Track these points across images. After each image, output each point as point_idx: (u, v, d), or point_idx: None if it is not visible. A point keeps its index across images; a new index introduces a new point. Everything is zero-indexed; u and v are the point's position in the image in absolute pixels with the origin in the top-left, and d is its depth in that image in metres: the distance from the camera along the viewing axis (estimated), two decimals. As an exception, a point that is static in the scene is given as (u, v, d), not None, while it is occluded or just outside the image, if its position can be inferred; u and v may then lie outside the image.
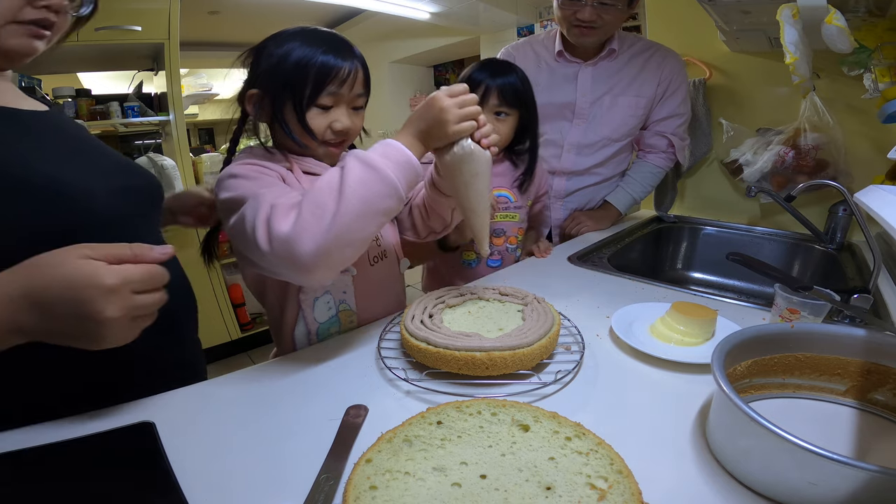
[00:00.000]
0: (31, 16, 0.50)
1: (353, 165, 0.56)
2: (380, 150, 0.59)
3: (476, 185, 0.66)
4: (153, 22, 1.96)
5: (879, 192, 0.60)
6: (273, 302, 0.75)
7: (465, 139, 0.63)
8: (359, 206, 0.54)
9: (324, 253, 0.53)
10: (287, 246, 0.53)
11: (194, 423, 0.54)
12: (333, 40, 0.67)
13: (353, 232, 0.55)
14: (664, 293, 0.89)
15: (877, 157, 1.17)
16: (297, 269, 0.55)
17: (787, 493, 0.40)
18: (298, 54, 0.64)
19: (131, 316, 0.43)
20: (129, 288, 0.42)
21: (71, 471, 0.45)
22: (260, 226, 0.55)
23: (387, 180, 0.56)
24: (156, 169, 2.11)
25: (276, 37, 0.67)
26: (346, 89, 0.67)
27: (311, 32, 0.67)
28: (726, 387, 0.43)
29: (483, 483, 0.40)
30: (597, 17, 1.12)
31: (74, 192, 0.53)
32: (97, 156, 0.62)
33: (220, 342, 2.34)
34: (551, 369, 0.62)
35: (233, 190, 0.62)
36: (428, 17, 2.80)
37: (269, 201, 0.57)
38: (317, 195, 0.55)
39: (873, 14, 0.95)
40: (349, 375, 0.63)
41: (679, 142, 1.31)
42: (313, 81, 0.64)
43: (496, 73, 0.97)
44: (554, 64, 1.29)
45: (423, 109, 0.62)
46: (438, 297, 0.72)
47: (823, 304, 0.65)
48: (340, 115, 0.68)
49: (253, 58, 0.69)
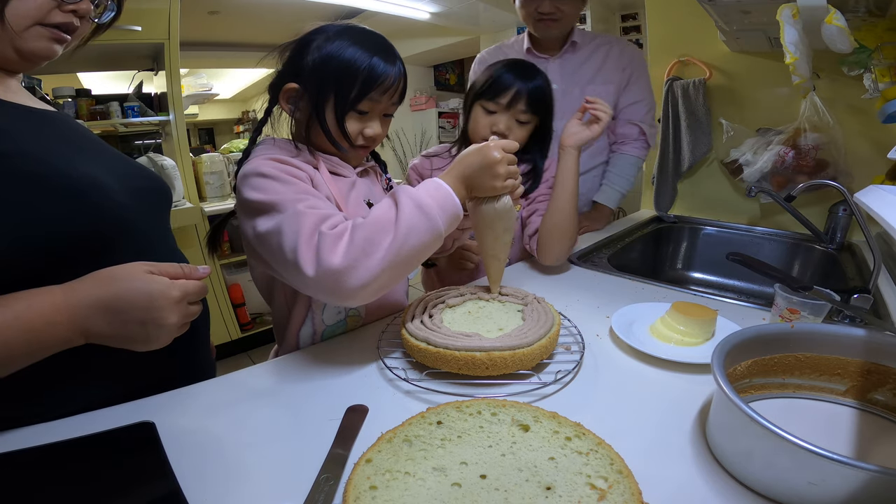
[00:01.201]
0: (58, 19, 0.50)
1: (409, 208, 0.56)
2: (433, 194, 0.59)
3: (505, 238, 0.70)
4: (153, 22, 1.96)
5: (879, 192, 0.60)
6: (281, 301, 0.74)
7: (506, 195, 0.66)
8: (408, 251, 0.56)
9: (369, 287, 0.55)
10: (335, 278, 0.54)
11: (194, 423, 0.54)
12: (383, 44, 0.67)
13: (398, 270, 0.57)
14: (664, 293, 0.89)
15: (877, 157, 1.17)
16: (339, 298, 0.57)
17: (787, 494, 0.40)
18: (350, 54, 0.63)
19: (180, 324, 0.51)
20: (186, 299, 0.51)
21: (71, 471, 0.45)
22: (305, 252, 0.55)
23: (436, 231, 0.57)
24: (156, 169, 2.11)
25: (322, 31, 0.66)
26: (387, 98, 0.68)
27: (360, 32, 0.66)
28: (726, 387, 0.43)
29: (483, 483, 0.40)
30: (556, 9, 1.20)
31: (94, 190, 0.52)
32: (109, 156, 0.62)
33: (220, 342, 2.35)
34: (551, 369, 0.62)
35: (262, 191, 0.60)
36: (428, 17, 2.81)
37: (312, 226, 0.56)
38: (369, 231, 0.55)
39: (873, 14, 0.95)
40: (349, 375, 0.63)
41: (649, 129, 1.35)
42: (360, 86, 0.64)
43: (526, 76, 0.93)
44: None
45: (475, 157, 0.63)
46: (438, 297, 0.72)
47: (823, 304, 0.65)
48: (374, 123, 0.69)
49: (295, 50, 0.67)
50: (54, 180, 0.49)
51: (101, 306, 0.47)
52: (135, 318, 0.48)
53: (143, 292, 0.48)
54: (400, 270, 0.57)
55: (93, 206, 0.51)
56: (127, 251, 0.55)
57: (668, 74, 1.48)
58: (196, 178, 2.35)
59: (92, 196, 0.52)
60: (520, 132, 0.96)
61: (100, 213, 0.52)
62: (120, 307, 0.47)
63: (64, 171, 0.50)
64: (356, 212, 0.70)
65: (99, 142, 0.63)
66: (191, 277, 0.53)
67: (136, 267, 0.49)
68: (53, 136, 0.55)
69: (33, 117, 0.54)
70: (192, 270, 0.53)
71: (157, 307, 0.48)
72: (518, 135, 0.95)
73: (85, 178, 0.52)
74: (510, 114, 0.94)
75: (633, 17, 2.88)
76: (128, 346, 0.50)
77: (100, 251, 0.52)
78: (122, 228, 0.55)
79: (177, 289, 0.50)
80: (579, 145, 0.93)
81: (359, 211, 0.71)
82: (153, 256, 0.57)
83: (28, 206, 0.47)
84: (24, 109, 0.54)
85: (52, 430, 0.51)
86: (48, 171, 0.49)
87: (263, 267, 0.67)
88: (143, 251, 0.56)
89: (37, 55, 0.52)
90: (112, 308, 0.47)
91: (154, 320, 0.48)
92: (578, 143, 0.92)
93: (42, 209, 0.48)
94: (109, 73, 2.44)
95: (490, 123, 0.94)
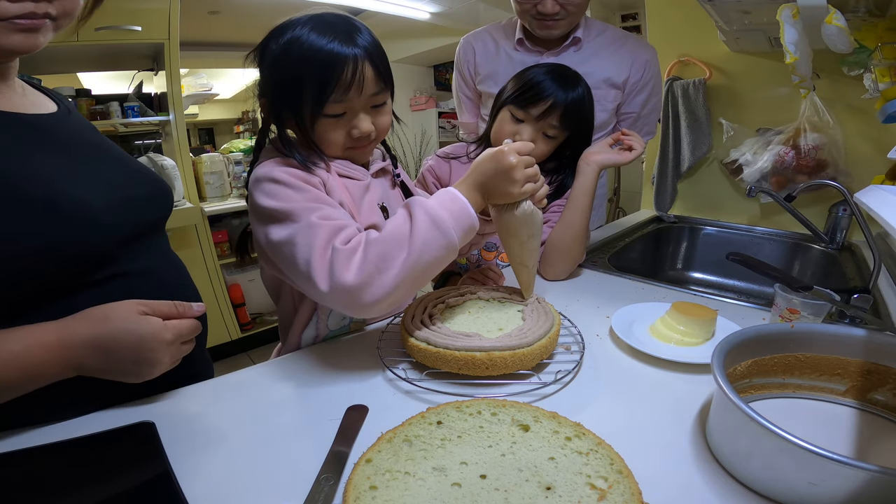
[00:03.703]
0: (13, 11, 0.45)
1: (424, 223, 0.55)
2: (449, 207, 0.57)
3: (530, 245, 0.67)
4: (153, 22, 1.96)
5: (879, 192, 0.60)
6: (287, 301, 0.74)
7: (526, 201, 0.63)
8: (422, 267, 0.55)
9: (383, 302, 0.55)
10: (350, 294, 0.54)
11: (194, 423, 0.54)
12: (335, 30, 0.59)
13: (412, 284, 0.56)
14: (664, 293, 0.89)
15: (877, 157, 1.17)
16: (354, 312, 0.57)
17: (787, 494, 0.40)
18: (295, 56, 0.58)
19: (173, 361, 0.53)
20: (179, 341, 0.52)
21: (71, 471, 0.45)
22: (319, 268, 0.55)
23: (451, 245, 0.56)
24: (156, 169, 2.11)
25: (275, 34, 0.61)
26: (355, 94, 0.60)
27: (309, 25, 0.59)
28: (726, 387, 0.43)
29: (483, 483, 0.40)
30: (560, 8, 1.02)
31: (75, 206, 0.50)
32: (104, 163, 0.59)
33: (220, 342, 2.35)
34: (551, 369, 0.62)
35: (276, 199, 0.59)
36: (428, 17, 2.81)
37: (326, 239, 0.55)
38: (383, 247, 0.55)
39: (873, 14, 0.95)
40: (349, 375, 0.63)
41: None
42: (315, 92, 0.58)
43: (566, 84, 0.85)
44: (514, 53, 1.17)
45: (490, 163, 0.60)
46: (438, 297, 0.72)
47: (823, 304, 0.65)
48: (357, 122, 0.63)
49: (258, 58, 0.63)
50: (34, 204, 0.47)
51: (93, 346, 0.48)
52: (127, 357, 0.49)
53: (134, 334, 0.49)
54: (414, 284, 0.57)
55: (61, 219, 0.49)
56: (114, 268, 0.54)
57: (668, 74, 1.48)
58: (196, 178, 2.35)
59: (62, 208, 0.49)
60: (544, 146, 0.90)
61: (72, 226, 0.50)
62: (112, 347, 0.48)
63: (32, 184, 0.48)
64: (370, 217, 0.69)
65: (99, 146, 0.61)
66: (185, 316, 0.53)
67: (129, 307, 0.50)
68: (40, 150, 0.52)
69: (20, 128, 0.52)
70: (187, 309, 0.54)
71: (149, 349, 0.49)
72: (541, 149, 0.90)
73: (53, 192, 0.49)
74: (538, 126, 0.88)
75: (633, 17, 2.89)
76: (119, 379, 0.51)
77: (87, 271, 0.52)
78: (103, 240, 0.53)
79: (169, 331, 0.51)
80: (604, 165, 0.89)
81: (372, 216, 0.69)
82: (144, 266, 0.56)
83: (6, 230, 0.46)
84: (10, 118, 0.51)
85: (52, 430, 0.51)
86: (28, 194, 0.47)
87: (276, 273, 0.66)
88: (131, 265, 0.56)
89: (11, 51, 0.48)
90: (104, 348, 0.48)
91: (146, 360, 0.50)
92: (603, 163, 0.89)
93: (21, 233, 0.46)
94: (109, 73, 2.44)
95: (513, 133, 0.89)
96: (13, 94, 0.54)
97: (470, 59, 1.25)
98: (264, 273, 0.74)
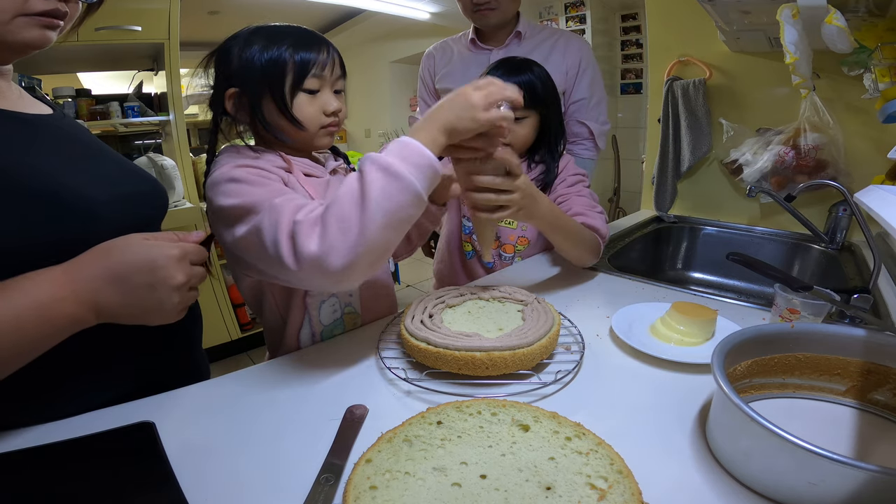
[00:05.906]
0: (41, 7, 0.48)
1: (373, 174, 0.52)
2: (398, 153, 0.54)
3: None
4: (153, 22, 1.96)
5: (879, 192, 0.60)
6: (272, 308, 0.73)
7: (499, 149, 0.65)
8: (384, 218, 0.52)
9: (354, 266, 0.53)
10: (317, 264, 0.52)
11: (194, 423, 0.54)
12: (297, 30, 0.67)
13: (379, 243, 0.53)
14: (664, 293, 0.89)
15: (877, 157, 1.17)
16: (329, 283, 0.55)
17: (787, 494, 0.40)
18: (274, 45, 0.64)
19: (189, 286, 0.51)
20: (187, 258, 0.51)
21: (71, 471, 0.45)
22: (284, 244, 0.53)
23: (410, 188, 0.53)
24: (156, 169, 2.11)
25: (237, 36, 0.66)
26: (329, 72, 0.67)
27: (273, 26, 0.67)
28: (726, 387, 0.43)
29: (483, 483, 0.40)
30: None
31: (77, 199, 0.52)
32: (101, 161, 0.60)
33: (220, 342, 2.35)
34: (551, 369, 0.62)
35: (235, 196, 0.58)
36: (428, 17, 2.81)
37: (289, 216, 0.54)
38: (340, 208, 0.53)
39: (873, 14, 0.95)
40: (349, 375, 0.63)
41: (598, 127, 1.36)
42: (297, 67, 0.64)
43: (511, 71, 0.92)
44: (467, 53, 1.39)
45: (449, 101, 0.59)
46: (438, 297, 0.72)
47: (823, 304, 0.65)
48: (329, 98, 0.68)
49: (220, 59, 0.67)
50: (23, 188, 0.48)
51: (105, 276, 0.47)
52: (142, 282, 0.48)
53: (144, 256, 0.48)
54: (384, 239, 0.54)
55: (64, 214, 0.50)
56: None
57: (667, 74, 1.48)
58: (196, 178, 2.35)
59: (66, 202, 0.50)
60: (520, 129, 0.94)
61: (75, 220, 0.51)
62: (124, 273, 0.47)
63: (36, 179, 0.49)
64: None
65: (94, 146, 0.62)
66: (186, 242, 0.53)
67: (132, 237, 0.50)
68: (41, 146, 0.53)
69: (21, 125, 0.53)
70: (187, 236, 0.54)
71: (161, 266, 0.48)
72: (519, 133, 0.94)
73: (57, 186, 0.50)
74: None
75: (632, 17, 2.89)
76: (143, 318, 0.50)
77: None
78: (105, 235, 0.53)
79: (176, 248, 0.50)
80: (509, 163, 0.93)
81: None
82: None
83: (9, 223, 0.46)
84: (10, 116, 0.52)
85: (52, 430, 0.51)
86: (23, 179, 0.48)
87: (248, 271, 0.65)
88: None
89: (28, 45, 0.50)
90: (117, 275, 0.47)
91: (161, 281, 0.48)
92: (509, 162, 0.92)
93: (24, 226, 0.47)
94: (109, 73, 2.44)
95: None
96: (11, 95, 0.55)
97: (431, 64, 1.48)
98: (242, 284, 0.73)
